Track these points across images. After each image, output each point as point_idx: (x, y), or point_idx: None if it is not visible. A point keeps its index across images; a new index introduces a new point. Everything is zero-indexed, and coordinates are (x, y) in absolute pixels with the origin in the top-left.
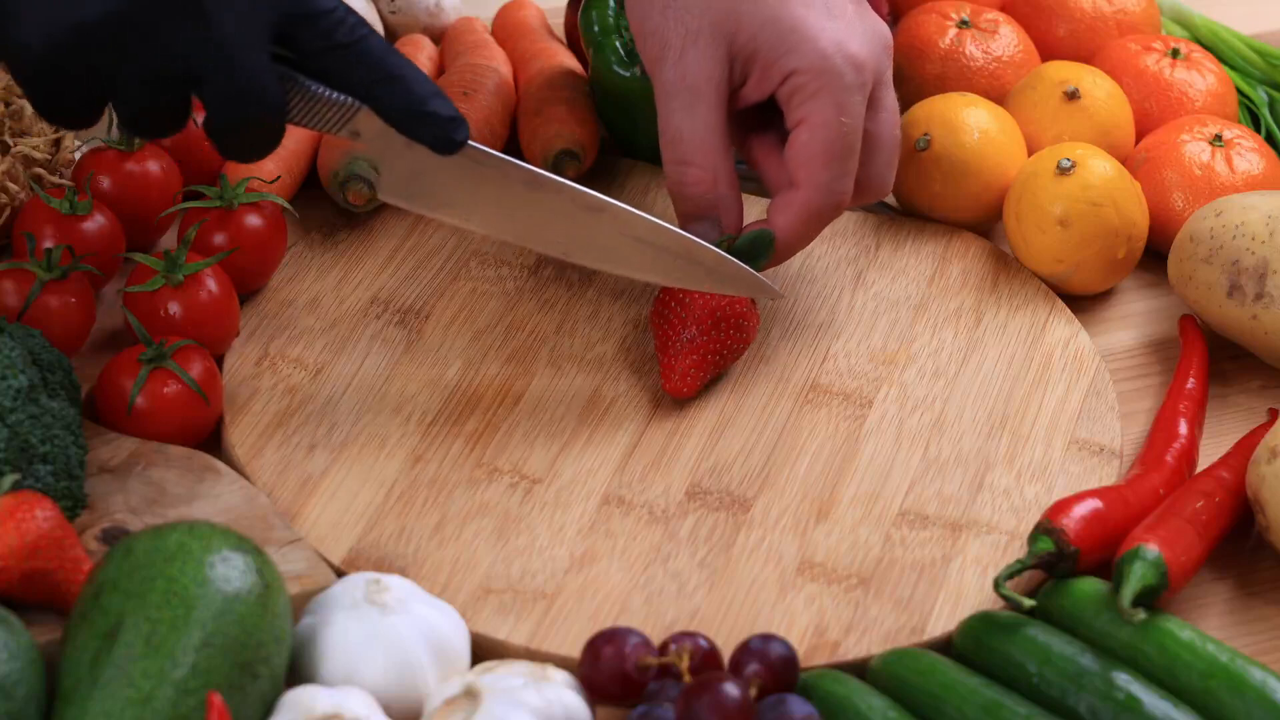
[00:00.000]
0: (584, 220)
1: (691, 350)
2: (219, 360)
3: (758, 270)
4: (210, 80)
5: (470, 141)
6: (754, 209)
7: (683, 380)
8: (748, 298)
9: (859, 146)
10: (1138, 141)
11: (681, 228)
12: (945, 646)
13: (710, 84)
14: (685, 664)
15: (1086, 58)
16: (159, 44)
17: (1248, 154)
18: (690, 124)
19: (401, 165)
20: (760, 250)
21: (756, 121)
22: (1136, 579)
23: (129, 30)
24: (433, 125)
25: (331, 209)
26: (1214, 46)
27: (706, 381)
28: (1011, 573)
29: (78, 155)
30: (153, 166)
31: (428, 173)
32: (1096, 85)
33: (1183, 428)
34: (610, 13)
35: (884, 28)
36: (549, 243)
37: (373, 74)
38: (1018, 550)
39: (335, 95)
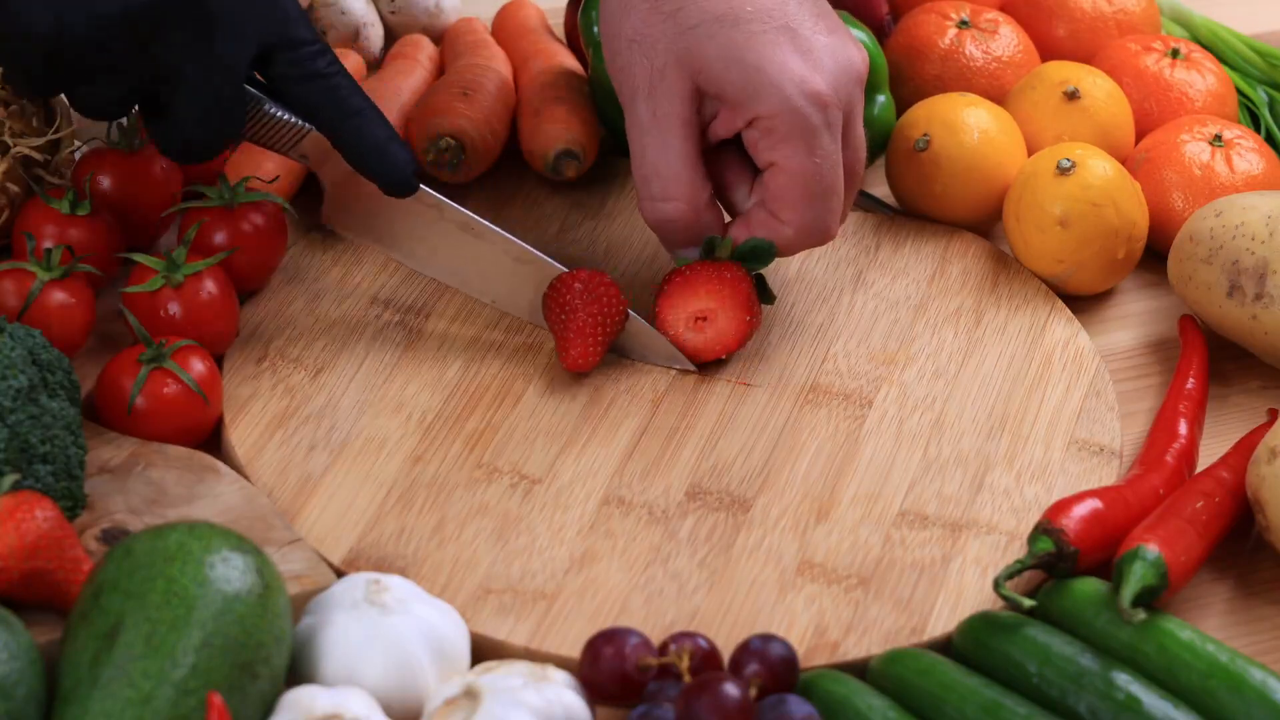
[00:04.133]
0: (511, 269)
1: (574, 324)
2: (219, 360)
3: (755, 271)
4: (188, 90)
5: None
6: None
7: (580, 355)
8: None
9: (840, 180)
10: (1138, 141)
11: (669, 252)
12: (945, 646)
13: (680, 119)
14: (685, 664)
15: (1086, 58)
16: (159, 46)
17: (1248, 154)
18: (665, 159)
19: (344, 193)
20: (761, 256)
21: (722, 140)
22: (1136, 579)
23: (139, 28)
24: (390, 166)
25: None
26: (1214, 46)
27: (603, 352)
28: (1011, 573)
29: (78, 155)
30: (153, 166)
31: (368, 204)
32: (1096, 85)
33: (1183, 428)
34: None
35: (858, 55)
36: (478, 289)
37: (339, 109)
38: (1018, 550)
39: (289, 118)
